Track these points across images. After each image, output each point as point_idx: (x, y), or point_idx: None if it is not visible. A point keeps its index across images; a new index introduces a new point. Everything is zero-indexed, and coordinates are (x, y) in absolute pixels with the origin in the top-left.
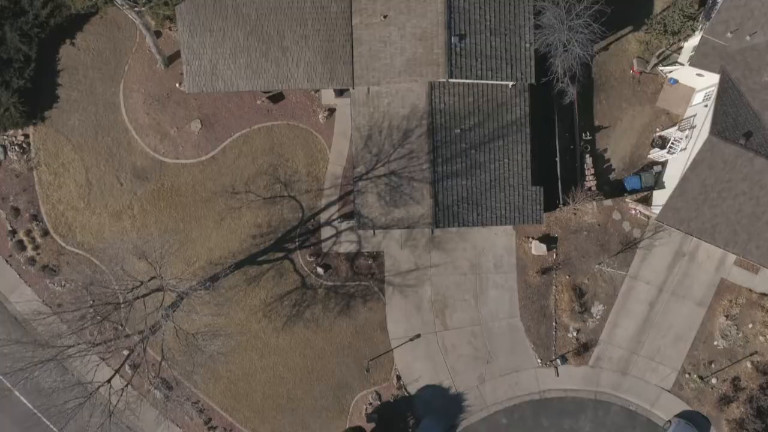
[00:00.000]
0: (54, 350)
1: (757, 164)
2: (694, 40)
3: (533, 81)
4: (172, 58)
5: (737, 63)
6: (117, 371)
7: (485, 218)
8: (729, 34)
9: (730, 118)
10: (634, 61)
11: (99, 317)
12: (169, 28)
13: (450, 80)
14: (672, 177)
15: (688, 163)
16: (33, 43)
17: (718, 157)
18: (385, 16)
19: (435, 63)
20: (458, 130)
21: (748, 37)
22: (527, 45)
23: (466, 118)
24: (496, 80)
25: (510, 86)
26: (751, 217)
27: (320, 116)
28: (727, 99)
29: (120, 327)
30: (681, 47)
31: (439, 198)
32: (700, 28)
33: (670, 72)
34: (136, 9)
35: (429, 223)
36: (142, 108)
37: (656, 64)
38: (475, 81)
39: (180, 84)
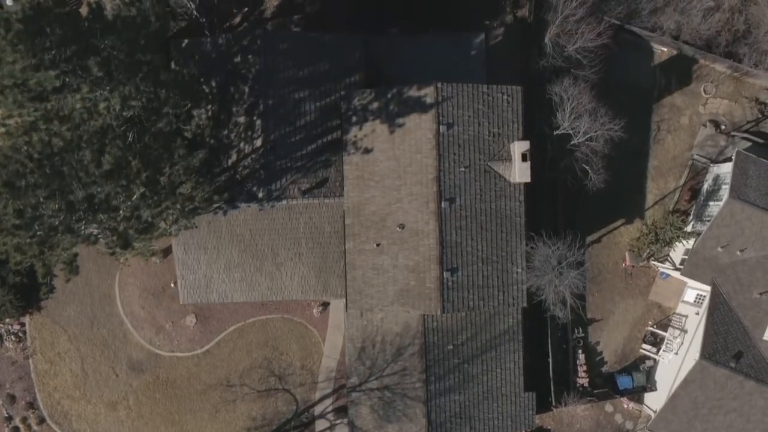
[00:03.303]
0: None
1: (747, 387)
2: (687, 243)
3: (525, 305)
4: (166, 252)
5: (728, 276)
6: None
7: (478, 431)
8: (720, 249)
9: (721, 338)
10: (627, 255)
11: None
12: (164, 221)
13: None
14: (664, 377)
15: (678, 380)
16: None
17: (709, 378)
18: (378, 245)
19: (427, 296)
20: (451, 346)
21: (738, 252)
22: (519, 270)
23: (459, 333)
24: (488, 307)
25: None
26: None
27: (315, 310)
28: (717, 316)
29: None
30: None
31: (432, 416)
32: (691, 227)
33: (663, 268)
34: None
35: None
36: (138, 301)
37: (647, 259)
38: None
39: (174, 283)
